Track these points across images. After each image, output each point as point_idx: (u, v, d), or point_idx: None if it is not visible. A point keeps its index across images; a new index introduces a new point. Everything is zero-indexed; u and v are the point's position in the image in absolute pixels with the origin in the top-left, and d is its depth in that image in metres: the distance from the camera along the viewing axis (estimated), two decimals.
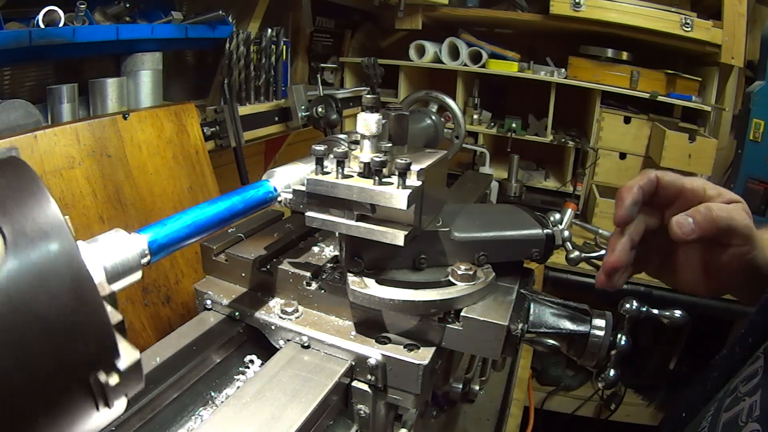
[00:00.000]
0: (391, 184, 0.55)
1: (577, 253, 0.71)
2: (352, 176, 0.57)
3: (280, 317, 0.66)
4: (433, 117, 0.96)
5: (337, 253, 0.75)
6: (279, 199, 0.62)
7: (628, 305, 0.60)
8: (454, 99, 1.05)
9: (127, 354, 0.34)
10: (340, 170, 0.56)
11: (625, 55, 1.90)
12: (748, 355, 0.53)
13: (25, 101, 0.91)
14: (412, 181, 0.56)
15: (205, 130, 1.19)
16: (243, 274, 0.72)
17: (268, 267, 0.71)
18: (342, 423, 0.64)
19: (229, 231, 0.78)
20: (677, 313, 0.58)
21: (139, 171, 0.98)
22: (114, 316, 0.34)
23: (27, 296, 0.30)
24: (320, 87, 1.61)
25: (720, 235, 0.55)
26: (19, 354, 0.29)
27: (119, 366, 0.33)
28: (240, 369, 0.68)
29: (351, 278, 0.61)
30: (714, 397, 0.55)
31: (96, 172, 0.90)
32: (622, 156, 1.94)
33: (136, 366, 0.34)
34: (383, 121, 0.57)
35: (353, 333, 0.63)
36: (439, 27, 2.09)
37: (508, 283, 0.66)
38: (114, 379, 0.33)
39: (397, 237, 0.56)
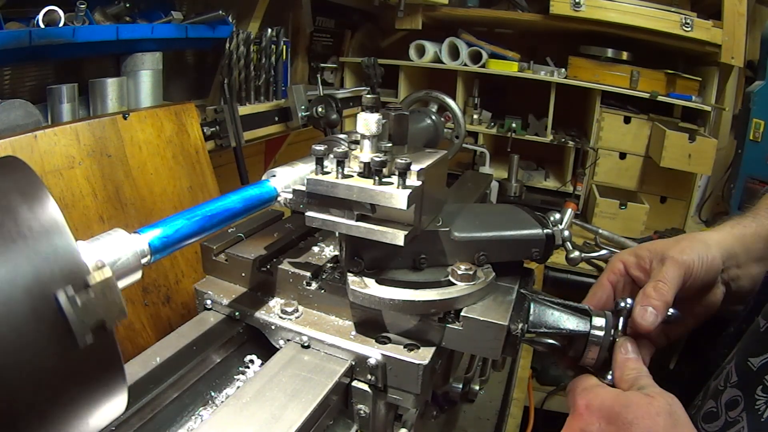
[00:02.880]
0: (391, 184, 0.55)
1: (577, 253, 0.71)
2: (352, 176, 0.57)
3: (280, 317, 0.66)
4: (433, 117, 0.96)
5: (337, 253, 0.75)
6: (279, 199, 0.62)
7: (623, 304, 0.60)
8: (454, 99, 1.05)
9: (99, 273, 0.33)
10: (340, 170, 0.56)
11: (625, 55, 1.90)
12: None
13: (25, 101, 0.91)
14: (412, 180, 0.56)
15: (205, 130, 1.19)
16: (243, 274, 0.72)
17: (268, 267, 0.71)
18: (342, 423, 0.64)
19: (229, 231, 0.78)
20: (669, 311, 0.58)
21: (139, 171, 0.98)
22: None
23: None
24: (320, 87, 1.61)
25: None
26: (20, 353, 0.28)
27: (89, 280, 0.33)
28: (240, 369, 0.68)
29: (351, 278, 0.61)
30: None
31: (96, 171, 0.90)
32: (622, 156, 1.94)
33: (109, 283, 0.34)
34: (383, 121, 0.57)
35: (353, 333, 0.63)
36: (439, 27, 2.09)
37: (508, 283, 0.66)
38: (85, 296, 0.32)
39: (397, 237, 0.56)
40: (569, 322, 0.62)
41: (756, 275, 0.64)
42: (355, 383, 0.62)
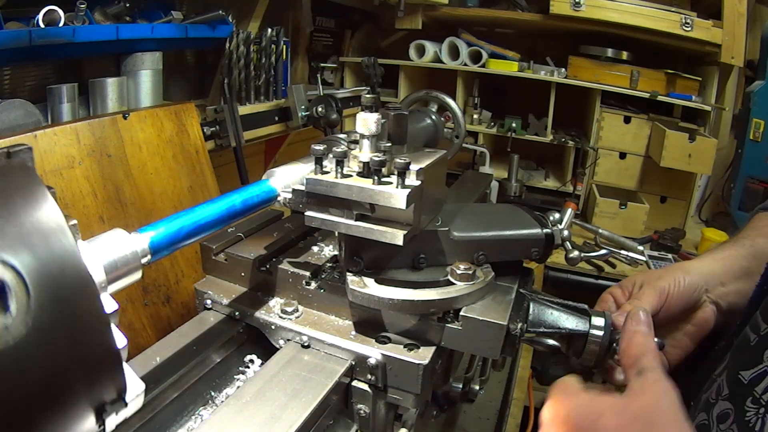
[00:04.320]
0: (391, 183, 0.55)
1: (576, 252, 0.71)
2: (351, 176, 0.57)
3: (280, 317, 0.66)
4: (433, 117, 0.96)
5: (336, 252, 0.76)
6: (279, 198, 0.62)
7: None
8: (454, 99, 1.05)
9: (134, 386, 0.34)
10: (340, 170, 0.56)
11: (625, 55, 1.90)
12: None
13: (25, 101, 0.91)
14: (412, 180, 0.56)
15: (205, 130, 1.19)
16: (243, 274, 0.72)
17: (268, 267, 0.71)
18: (342, 423, 0.64)
19: (229, 231, 0.78)
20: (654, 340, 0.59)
21: (139, 171, 0.98)
22: (119, 340, 0.34)
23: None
24: (320, 87, 1.61)
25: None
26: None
27: (126, 398, 0.34)
28: (240, 369, 0.68)
29: (350, 278, 0.61)
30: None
31: (96, 171, 0.90)
32: (622, 156, 1.94)
33: (140, 395, 0.35)
34: (382, 121, 0.57)
35: (353, 333, 0.63)
36: (439, 27, 2.09)
37: (508, 282, 0.66)
38: (119, 408, 0.34)
39: (397, 236, 0.56)
40: (568, 322, 0.62)
41: (745, 291, 0.65)
42: (355, 383, 0.62)
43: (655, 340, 0.58)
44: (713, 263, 0.68)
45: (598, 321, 0.61)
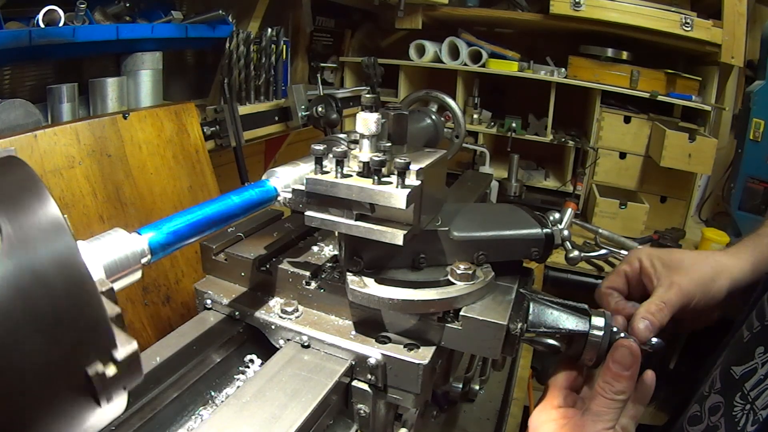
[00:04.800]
0: (390, 183, 0.55)
1: (576, 252, 0.71)
2: (351, 176, 0.57)
3: (280, 317, 0.66)
4: (433, 116, 0.96)
5: (336, 252, 0.76)
6: (279, 198, 0.62)
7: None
8: (454, 98, 1.05)
9: (125, 344, 0.33)
10: (340, 170, 0.56)
11: (625, 55, 1.90)
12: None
13: (25, 101, 0.91)
14: (411, 180, 0.56)
15: (205, 130, 1.19)
16: (243, 274, 0.72)
17: (268, 266, 0.71)
18: (342, 423, 0.64)
19: (229, 230, 0.78)
20: (653, 340, 0.60)
21: (139, 170, 0.98)
22: (111, 308, 0.33)
23: (22, 292, 0.29)
24: (320, 86, 1.61)
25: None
26: (13, 352, 0.29)
27: (116, 356, 0.33)
28: (240, 368, 0.68)
29: (350, 278, 0.61)
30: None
31: (96, 171, 0.90)
32: (622, 155, 1.94)
33: (134, 356, 0.34)
34: (382, 121, 0.57)
35: (353, 332, 0.63)
36: (439, 26, 2.09)
37: (508, 282, 0.66)
38: (111, 370, 0.32)
39: (396, 236, 0.56)
40: (568, 322, 0.62)
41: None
42: (355, 383, 0.62)
43: (654, 340, 0.59)
44: (749, 270, 0.66)
45: (598, 321, 0.61)
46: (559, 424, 0.55)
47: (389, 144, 0.58)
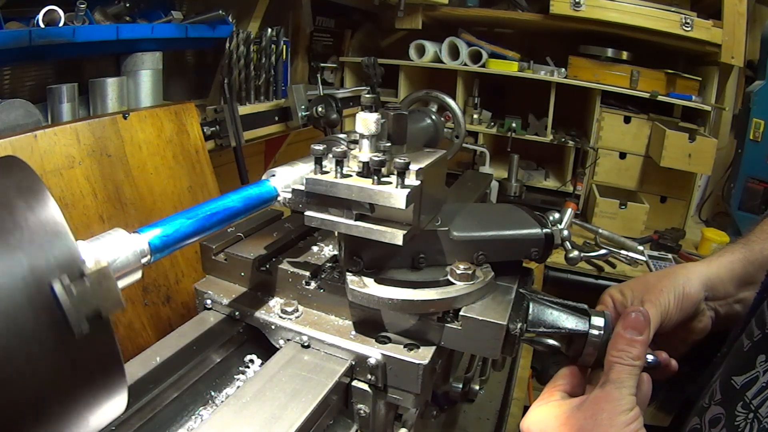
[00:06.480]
0: (390, 183, 0.55)
1: (576, 252, 0.71)
2: (351, 176, 0.57)
3: (280, 317, 0.66)
4: (433, 117, 0.96)
5: (336, 252, 0.76)
6: (279, 198, 0.62)
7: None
8: (454, 99, 1.05)
9: (95, 261, 0.32)
10: (339, 170, 0.56)
11: (625, 55, 1.90)
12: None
13: (25, 101, 0.91)
14: (411, 180, 0.56)
15: (205, 130, 1.20)
16: (243, 274, 0.72)
17: (268, 266, 0.71)
18: (342, 423, 0.64)
19: (229, 230, 0.78)
20: (649, 358, 0.59)
21: (139, 171, 0.98)
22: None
23: None
24: (320, 87, 1.61)
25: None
26: None
27: (85, 270, 0.32)
28: (240, 369, 0.68)
29: (350, 278, 0.61)
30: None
31: (96, 171, 0.90)
32: (622, 156, 1.94)
33: (105, 272, 0.33)
34: (382, 121, 0.57)
35: (353, 332, 0.63)
36: (439, 27, 2.09)
37: (507, 282, 0.66)
38: (81, 285, 0.31)
39: (396, 236, 0.56)
40: (568, 322, 0.62)
41: (746, 299, 0.66)
42: (355, 383, 0.62)
43: (650, 358, 0.58)
44: (719, 270, 0.68)
45: (598, 321, 0.61)
46: (561, 410, 0.54)
47: (389, 144, 0.58)
